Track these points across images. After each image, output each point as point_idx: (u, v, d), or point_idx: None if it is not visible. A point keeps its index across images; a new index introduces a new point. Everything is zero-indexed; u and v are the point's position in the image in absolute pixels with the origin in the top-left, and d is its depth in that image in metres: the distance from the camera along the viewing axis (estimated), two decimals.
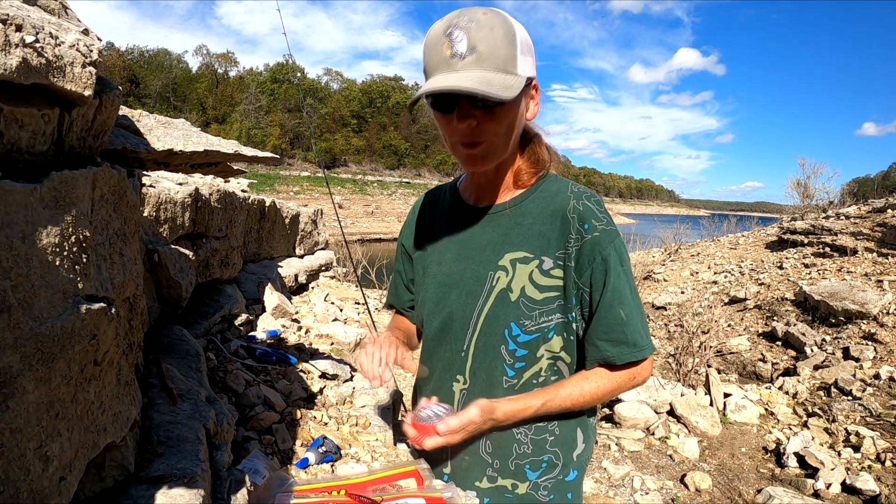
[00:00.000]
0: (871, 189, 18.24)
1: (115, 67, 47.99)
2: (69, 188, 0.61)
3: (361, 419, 1.48)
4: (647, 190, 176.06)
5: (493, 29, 0.84)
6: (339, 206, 9.99)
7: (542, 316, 0.98)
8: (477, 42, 0.83)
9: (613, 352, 0.96)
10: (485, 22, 0.84)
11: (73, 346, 0.60)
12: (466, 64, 0.84)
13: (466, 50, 0.84)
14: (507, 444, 1.03)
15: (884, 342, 5.76)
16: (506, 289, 0.99)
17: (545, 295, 0.98)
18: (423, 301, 1.11)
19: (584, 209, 0.97)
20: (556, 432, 1.04)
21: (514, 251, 1.00)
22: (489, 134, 0.90)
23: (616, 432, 4.54)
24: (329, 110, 61.07)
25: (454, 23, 0.85)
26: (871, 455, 3.95)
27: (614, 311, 0.95)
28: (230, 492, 0.86)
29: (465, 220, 1.08)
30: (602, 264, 0.95)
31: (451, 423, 0.93)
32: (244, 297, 2.35)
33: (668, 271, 11.39)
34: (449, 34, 0.84)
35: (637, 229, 14.46)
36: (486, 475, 1.06)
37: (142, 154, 1.34)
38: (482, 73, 0.84)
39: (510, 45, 0.85)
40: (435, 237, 1.13)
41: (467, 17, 0.84)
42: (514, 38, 0.86)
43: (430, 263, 1.12)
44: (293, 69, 50.31)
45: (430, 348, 1.11)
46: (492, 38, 0.84)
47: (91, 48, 0.65)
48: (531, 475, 1.04)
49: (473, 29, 0.83)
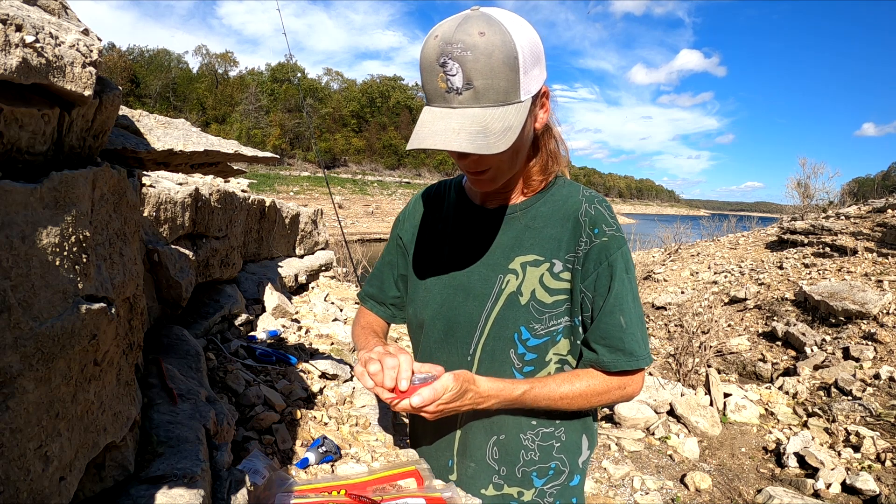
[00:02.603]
0: (871, 189, 18.24)
1: (115, 67, 47.99)
2: (69, 188, 0.61)
3: (361, 419, 1.48)
4: (647, 190, 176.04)
5: (490, 56, 0.77)
6: (339, 206, 9.98)
7: (551, 319, 0.97)
8: (473, 76, 0.77)
9: (609, 357, 0.95)
10: (482, 48, 0.77)
11: (73, 346, 0.60)
12: (463, 100, 0.79)
13: (462, 85, 0.78)
14: (515, 450, 1.02)
15: (884, 342, 5.76)
16: (515, 292, 0.97)
17: (555, 298, 0.97)
18: (425, 303, 1.07)
19: (595, 213, 0.96)
20: (563, 438, 1.03)
21: (525, 254, 0.98)
22: (493, 162, 0.88)
23: (616, 432, 4.54)
24: (329, 110, 61.06)
25: (447, 51, 0.77)
26: (871, 455, 3.95)
27: (614, 317, 0.94)
28: (230, 492, 0.86)
29: (472, 220, 1.05)
30: (608, 269, 0.94)
31: (423, 393, 0.85)
32: (244, 297, 2.35)
33: (668, 271, 11.39)
34: (443, 64, 0.78)
35: (637, 229, 14.47)
36: (492, 482, 1.04)
37: (142, 154, 1.34)
38: (480, 111, 0.79)
39: (511, 70, 0.79)
40: (438, 236, 1.09)
41: (461, 43, 0.77)
42: (515, 61, 0.78)
43: (431, 263, 1.08)
44: (293, 69, 50.33)
45: (430, 352, 1.07)
46: (489, 67, 0.77)
47: (91, 48, 0.65)
48: (537, 482, 1.03)
49: (469, 61, 0.77)
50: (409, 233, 1.15)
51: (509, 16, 0.82)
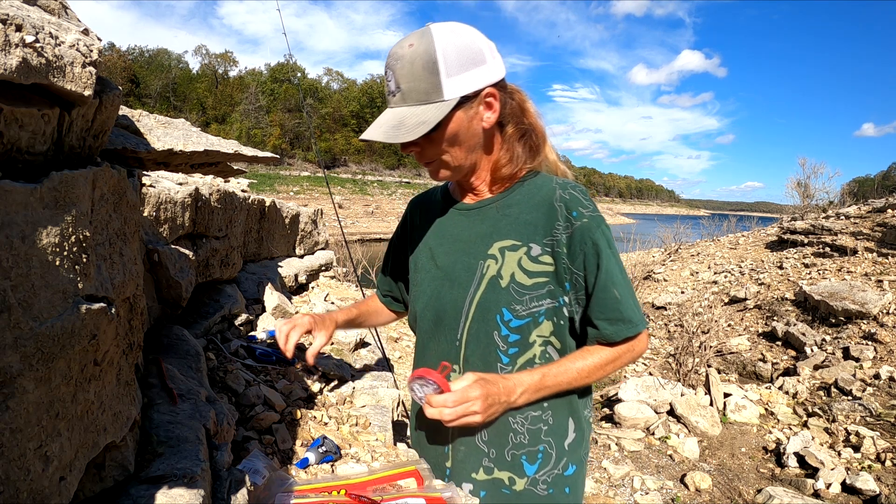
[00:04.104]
0: (871, 189, 18.25)
1: (115, 67, 47.99)
2: (69, 188, 0.61)
3: (361, 419, 1.48)
4: (647, 190, 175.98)
5: (413, 63, 0.93)
6: (339, 206, 9.98)
7: (532, 301, 1.03)
8: (400, 80, 0.95)
9: (611, 330, 1.02)
10: (407, 58, 0.94)
11: (73, 346, 0.60)
12: (395, 101, 0.97)
13: (395, 88, 0.96)
14: (504, 432, 1.06)
15: (884, 342, 5.76)
16: (496, 276, 1.04)
17: (534, 280, 1.03)
18: (417, 297, 1.16)
19: (570, 198, 1.02)
20: (550, 422, 1.07)
21: (503, 240, 1.05)
22: (433, 155, 1.02)
23: (616, 432, 4.54)
24: (329, 110, 61.03)
25: (389, 63, 0.97)
26: (871, 455, 3.95)
27: (609, 292, 1.00)
28: (230, 492, 0.86)
29: (454, 216, 1.14)
30: (593, 248, 1.00)
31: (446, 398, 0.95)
32: (244, 297, 2.35)
33: (668, 271, 11.39)
34: (386, 74, 0.98)
35: (637, 229, 14.46)
36: (482, 466, 1.07)
37: (142, 154, 1.34)
38: (404, 109, 0.96)
39: (431, 74, 0.93)
40: (426, 235, 1.18)
41: (395, 55, 0.95)
42: (435, 65, 0.93)
43: (422, 260, 1.17)
44: (293, 69, 50.34)
45: (424, 343, 1.15)
46: (412, 73, 0.94)
47: (91, 48, 0.65)
48: (529, 469, 1.06)
49: (398, 68, 0.95)
50: (402, 238, 1.28)
51: (448, 27, 0.97)
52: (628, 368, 6.77)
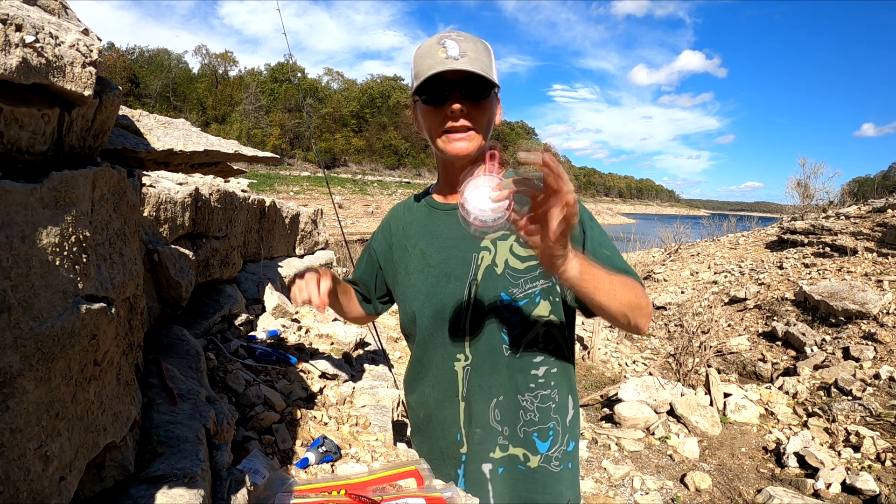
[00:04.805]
0: (871, 189, 18.24)
1: (115, 67, 47.97)
2: (69, 188, 0.61)
3: (361, 419, 1.48)
4: (647, 190, 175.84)
5: (475, 43, 1.04)
6: (339, 206, 9.92)
7: (527, 283, 1.08)
8: (467, 49, 1.01)
9: None
10: (469, 38, 1.04)
11: (73, 346, 0.60)
12: (462, 63, 1.00)
13: (459, 53, 1.01)
14: (514, 409, 1.10)
15: (884, 342, 5.76)
16: (491, 264, 1.10)
17: (527, 264, 1.08)
18: (413, 295, 1.18)
19: None
20: (556, 399, 1.12)
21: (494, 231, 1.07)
22: (476, 121, 1.06)
23: (616, 432, 4.54)
24: (329, 110, 61.03)
25: (445, 36, 1.03)
26: (871, 455, 3.95)
27: (600, 252, 1.05)
28: (230, 492, 0.86)
29: (440, 217, 1.19)
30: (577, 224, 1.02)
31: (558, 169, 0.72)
32: (244, 297, 2.35)
33: (668, 271, 11.39)
34: (442, 43, 1.02)
35: (637, 229, 14.46)
36: (497, 444, 1.11)
37: (142, 154, 1.34)
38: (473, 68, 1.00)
39: (489, 56, 1.05)
40: (414, 237, 1.21)
41: (454, 33, 1.03)
42: (489, 52, 1.06)
43: (412, 260, 1.19)
44: (293, 69, 50.31)
45: (424, 339, 1.17)
46: (476, 48, 1.03)
47: (91, 48, 0.65)
48: (542, 447, 1.10)
49: (462, 41, 1.02)
50: (383, 244, 1.29)
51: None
52: (628, 369, 6.77)
